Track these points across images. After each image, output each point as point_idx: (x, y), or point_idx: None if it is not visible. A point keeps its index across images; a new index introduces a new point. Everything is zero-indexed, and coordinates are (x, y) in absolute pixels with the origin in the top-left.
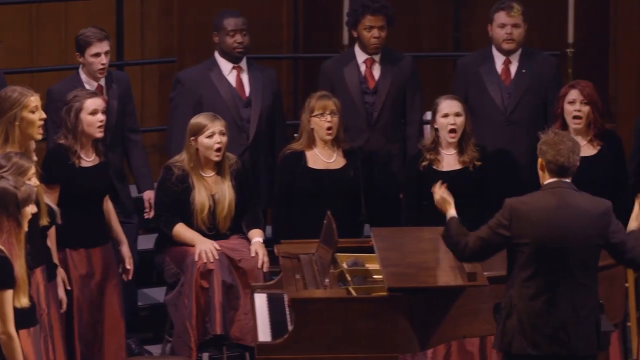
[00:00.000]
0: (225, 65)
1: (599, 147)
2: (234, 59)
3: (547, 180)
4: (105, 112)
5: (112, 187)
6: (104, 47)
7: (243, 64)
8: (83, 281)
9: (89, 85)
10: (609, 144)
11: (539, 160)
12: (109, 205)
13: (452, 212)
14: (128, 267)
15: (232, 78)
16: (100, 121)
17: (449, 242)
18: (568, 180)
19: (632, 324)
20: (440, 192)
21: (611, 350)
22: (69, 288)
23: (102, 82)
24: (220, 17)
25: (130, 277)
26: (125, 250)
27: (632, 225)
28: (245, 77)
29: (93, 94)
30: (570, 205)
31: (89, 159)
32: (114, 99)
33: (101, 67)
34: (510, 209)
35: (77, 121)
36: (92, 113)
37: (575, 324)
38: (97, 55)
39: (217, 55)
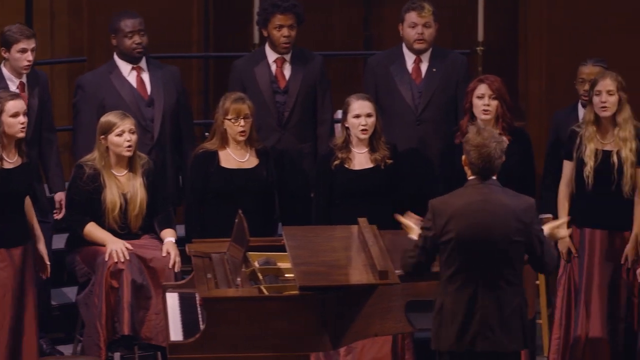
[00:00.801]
0: (124, 67)
1: (507, 142)
2: (133, 59)
3: (470, 176)
4: (27, 112)
5: (33, 187)
6: (30, 44)
7: (143, 63)
8: (3, 280)
9: (11, 81)
10: (518, 141)
11: (463, 156)
12: (28, 204)
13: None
14: (47, 262)
15: (132, 79)
16: (22, 123)
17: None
18: (493, 177)
19: (543, 321)
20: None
21: None
22: None
23: (24, 79)
24: (117, 19)
25: (48, 274)
26: (42, 247)
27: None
28: (146, 77)
29: (14, 96)
30: (492, 201)
31: (11, 160)
32: (35, 97)
33: (27, 63)
34: (432, 208)
35: None
36: (14, 115)
37: (502, 320)
38: (24, 51)
39: (115, 57)
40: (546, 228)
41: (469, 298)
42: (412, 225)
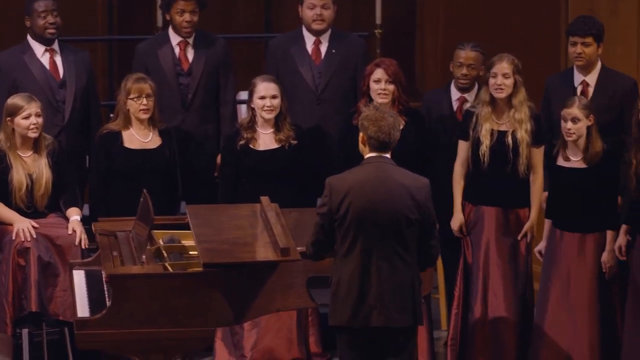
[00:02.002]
0: (38, 48)
1: (403, 123)
2: (46, 41)
3: (367, 154)
4: None
5: None
6: None
7: (56, 46)
8: None
9: None
10: (413, 121)
11: (361, 134)
12: None
13: None
14: None
15: (45, 60)
16: None
17: None
18: (387, 155)
19: (441, 296)
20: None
21: None
22: None
23: None
24: (31, 0)
25: None
26: None
27: None
28: (58, 59)
29: None
30: (387, 179)
31: None
32: None
33: None
34: (329, 185)
35: None
36: None
37: (395, 296)
38: None
39: (29, 38)
40: None
41: (364, 274)
42: None
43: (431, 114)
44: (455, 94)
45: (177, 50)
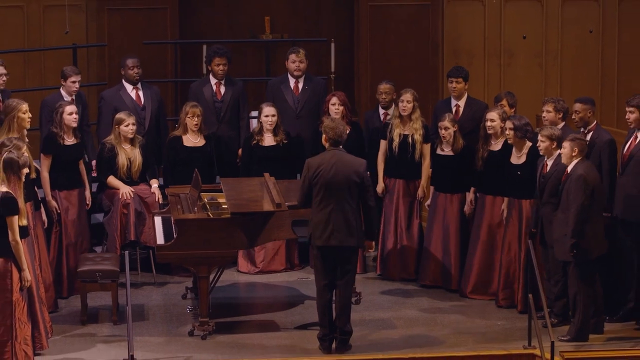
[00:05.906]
0: (128, 87)
1: (348, 130)
2: (133, 83)
3: (329, 148)
4: (78, 113)
5: (82, 155)
6: (78, 77)
7: (139, 85)
8: (66, 209)
9: (66, 99)
10: (354, 130)
11: (323, 136)
12: (81, 165)
13: None
14: (88, 202)
15: (133, 94)
16: (75, 119)
17: None
18: (340, 147)
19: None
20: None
21: None
22: (59, 211)
23: (74, 97)
24: (124, 59)
25: (89, 206)
26: (87, 193)
27: None
28: (141, 93)
29: (70, 103)
30: (341, 160)
31: (69, 140)
32: (80, 105)
33: (75, 88)
34: (307, 164)
35: (61, 119)
36: (70, 114)
37: (345, 226)
38: (74, 82)
39: (123, 81)
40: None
41: (327, 214)
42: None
43: (368, 124)
44: (381, 111)
45: (214, 87)
